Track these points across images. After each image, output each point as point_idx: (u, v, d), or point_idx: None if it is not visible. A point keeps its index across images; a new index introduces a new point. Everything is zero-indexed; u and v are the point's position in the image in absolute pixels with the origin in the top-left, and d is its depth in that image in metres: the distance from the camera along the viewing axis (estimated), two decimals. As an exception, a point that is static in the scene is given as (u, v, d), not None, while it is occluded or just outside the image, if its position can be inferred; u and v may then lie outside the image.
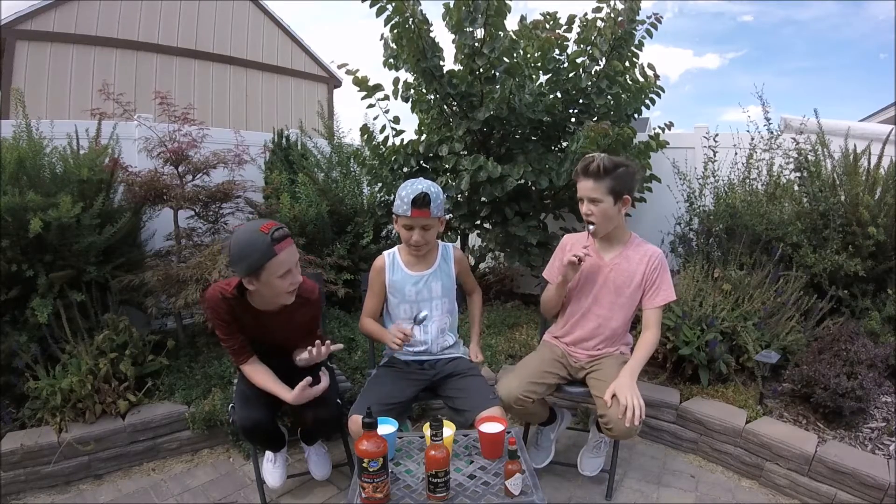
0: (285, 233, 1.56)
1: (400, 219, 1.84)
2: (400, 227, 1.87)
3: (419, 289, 1.93)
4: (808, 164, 2.92)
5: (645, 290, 1.88)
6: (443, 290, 1.96)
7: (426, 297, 1.94)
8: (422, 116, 3.49)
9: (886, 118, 7.14)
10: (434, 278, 1.95)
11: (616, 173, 1.76)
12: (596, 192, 1.78)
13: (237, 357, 1.75)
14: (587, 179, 1.79)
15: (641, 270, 1.86)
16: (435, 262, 1.96)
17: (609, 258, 1.91)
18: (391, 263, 1.96)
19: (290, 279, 1.58)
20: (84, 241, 2.37)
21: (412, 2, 2.85)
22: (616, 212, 1.82)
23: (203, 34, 8.95)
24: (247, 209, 3.09)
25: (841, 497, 1.90)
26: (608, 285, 1.90)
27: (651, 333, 1.87)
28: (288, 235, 1.57)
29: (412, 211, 1.77)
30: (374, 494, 1.25)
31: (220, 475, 2.20)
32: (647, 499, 2.03)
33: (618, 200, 1.80)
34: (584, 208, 1.82)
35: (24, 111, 2.48)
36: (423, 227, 1.82)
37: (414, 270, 1.94)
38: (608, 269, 1.90)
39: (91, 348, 2.30)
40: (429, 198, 1.76)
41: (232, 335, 1.71)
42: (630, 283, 1.88)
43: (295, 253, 1.61)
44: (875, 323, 2.58)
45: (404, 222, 1.83)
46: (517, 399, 1.79)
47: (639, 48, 3.20)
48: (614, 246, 1.92)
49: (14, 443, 2.02)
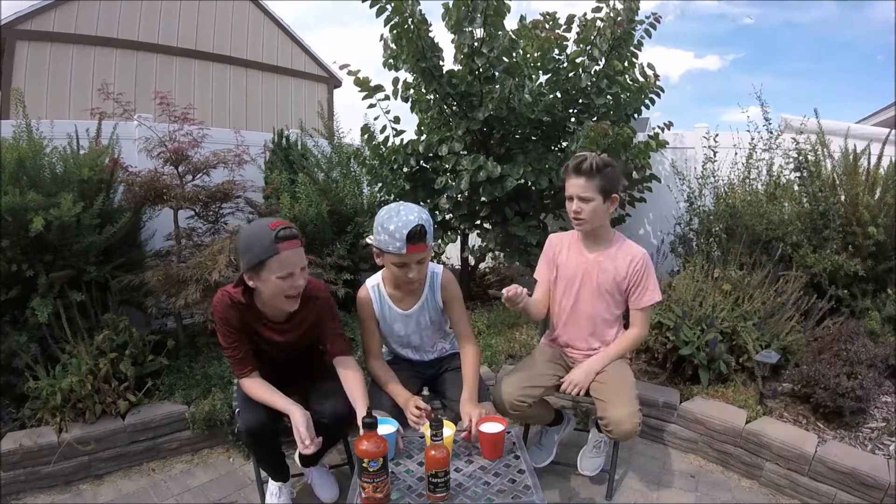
0: (292, 233, 1.51)
1: (388, 256, 1.62)
2: (388, 264, 1.66)
3: (408, 325, 1.86)
4: (807, 164, 2.92)
5: (630, 290, 1.89)
6: (431, 320, 1.86)
7: (415, 330, 1.87)
8: (421, 116, 3.49)
9: (884, 120, 7.14)
10: (422, 313, 1.83)
11: (605, 172, 1.78)
12: (587, 190, 1.79)
13: (239, 368, 1.68)
14: (579, 178, 1.79)
15: (625, 270, 1.87)
16: (422, 295, 1.80)
17: (593, 256, 1.92)
18: (377, 298, 1.82)
19: (290, 282, 1.53)
20: (84, 240, 2.37)
21: (411, 2, 2.85)
22: (605, 210, 1.83)
23: (203, 34, 8.96)
24: (247, 209, 3.09)
25: (841, 497, 1.90)
26: (591, 283, 1.91)
27: (636, 330, 1.92)
28: (296, 237, 1.52)
29: (408, 248, 1.55)
30: (374, 494, 1.25)
31: (220, 475, 2.20)
32: (647, 499, 2.03)
33: (607, 199, 1.81)
34: (574, 206, 1.83)
35: (25, 111, 2.48)
36: (419, 262, 1.64)
37: (401, 307, 1.82)
38: (591, 267, 1.91)
39: (91, 348, 2.30)
40: (425, 229, 1.57)
41: (237, 344, 1.65)
42: (612, 280, 1.88)
43: (301, 256, 1.56)
44: (875, 323, 2.58)
45: (397, 260, 1.61)
46: (512, 404, 1.80)
47: (638, 48, 3.20)
48: (598, 244, 1.92)
49: (14, 443, 2.02)
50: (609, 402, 1.75)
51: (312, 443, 1.51)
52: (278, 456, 1.85)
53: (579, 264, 1.93)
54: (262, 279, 1.53)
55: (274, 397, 1.63)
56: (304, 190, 3.09)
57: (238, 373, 1.70)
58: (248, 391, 1.68)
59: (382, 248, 1.61)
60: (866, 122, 7.51)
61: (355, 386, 1.65)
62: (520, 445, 1.51)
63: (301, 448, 1.52)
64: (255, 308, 1.67)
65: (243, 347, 1.68)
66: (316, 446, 1.52)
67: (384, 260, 1.67)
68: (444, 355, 1.99)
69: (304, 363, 1.86)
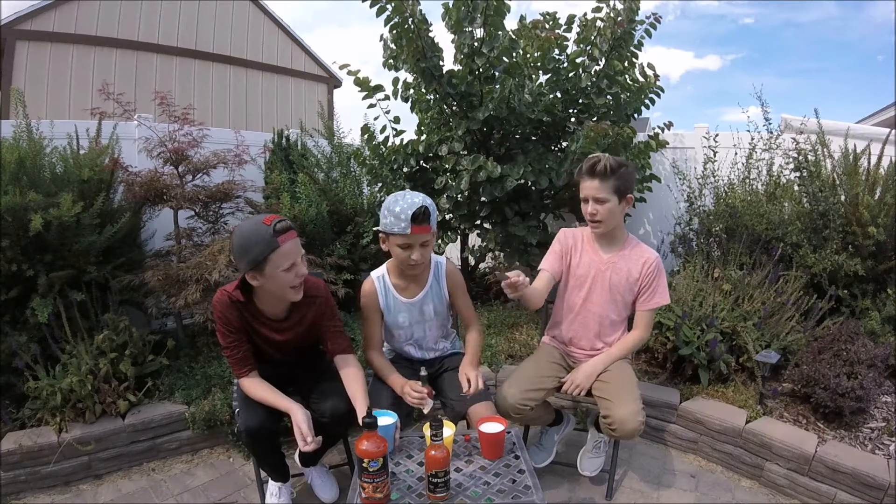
0: (288, 225, 1.52)
1: (394, 238, 1.68)
2: (393, 247, 1.71)
3: (413, 316, 1.87)
4: (807, 163, 2.92)
5: (640, 292, 1.89)
6: (435, 312, 1.89)
7: (419, 320, 1.89)
8: (421, 116, 3.49)
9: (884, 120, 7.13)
10: (426, 301, 1.87)
11: (620, 173, 1.78)
12: (602, 191, 1.79)
13: (238, 368, 1.68)
14: (593, 179, 1.79)
15: (637, 271, 1.88)
16: (427, 284, 1.86)
17: (607, 257, 1.92)
18: (382, 288, 1.85)
19: (294, 272, 1.54)
20: (84, 240, 2.37)
21: (412, 2, 2.85)
22: (620, 210, 1.84)
23: (203, 34, 8.96)
24: (247, 209, 3.09)
25: (841, 497, 1.90)
26: (603, 283, 1.91)
27: (639, 332, 1.93)
28: (291, 228, 1.53)
29: (412, 228, 1.62)
30: (374, 494, 1.25)
31: (220, 475, 2.20)
32: (647, 499, 2.03)
33: (622, 199, 1.82)
34: (590, 208, 1.83)
35: (25, 111, 2.48)
36: (423, 244, 1.69)
37: (406, 296, 1.85)
38: (605, 268, 1.91)
39: (91, 348, 2.30)
40: (429, 211, 1.65)
41: (236, 344, 1.66)
42: (625, 281, 1.89)
43: (299, 246, 1.58)
44: (875, 323, 2.58)
45: (401, 241, 1.67)
46: (514, 408, 1.80)
47: (638, 48, 3.20)
48: (612, 245, 1.93)
49: (14, 443, 2.02)
50: (613, 401, 1.75)
51: (313, 441, 1.51)
52: (278, 456, 1.84)
53: (593, 263, 1.93)
54: (266, 275, 1.52)
55: (274, 396, 1.63)
56: (304, 190, 3.09)
57: (237, 372, 1.70)
58: (248, 391, 1.67)
59: (388, 230, 1.67)
60: (866, 122, 7.51)
61: (356, 385, 1.65)
62: (520, 445, 1.51)
63: (301, 446, 1.52)
64: (254, 306, 1.67)
65: (242, 347, 1.68)
66: (316, 444, 1.53)
67: (389, 244, 1.72)
68: (445, 354, 2.01)
69: (303, 363, 1.85)
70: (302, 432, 1.51)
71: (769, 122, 3.11)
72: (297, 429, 1.53)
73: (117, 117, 2.79)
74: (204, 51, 8.96)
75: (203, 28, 8.96)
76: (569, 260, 1.96)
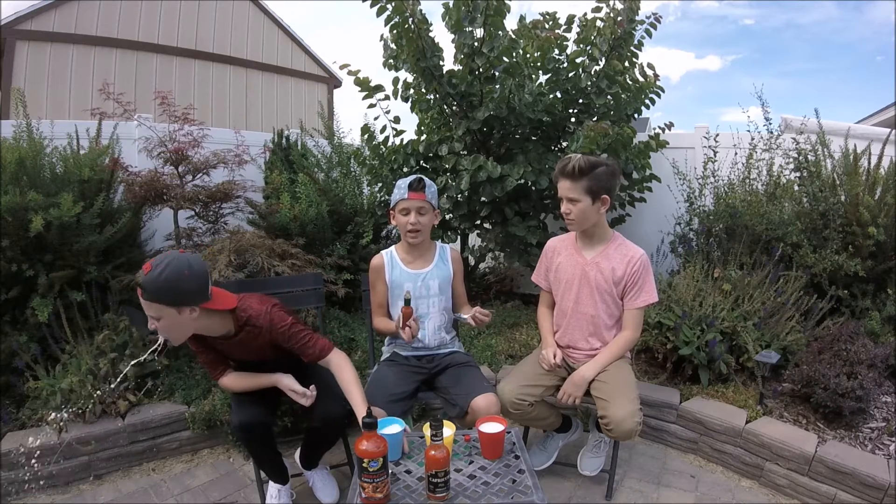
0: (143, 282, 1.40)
1: (398, 205, 1.92)
2: (397, 216, 1.94)
3: (417, 286, 1.97)
4: (808, 164, 2.92)
5: (626, 290, 1.89)
6: (440, 288, 2.00)
7: (423, 295, 1.99)
8: (422, 116, 3.49)
9: (884, 120, 7.13)
10: (431, 276, 2.00)
11: (593, 174, 1.78)
12: (573, 191, 1.80)
13: (213, 370, 1.72)
14: (565, 180, 1.82)
15: (622, 270, 1.87)
16: (433, 261, 2.02)
17: (590, 257, 1.92)
18: (389, 261, 2.01)
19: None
20: (84, 240, 2.37)
21: (412, 2, 2.85)
22: (594, 211, 1.83)
23: (203, 34, 8.96)
24: (247, 209, 3.10)
25: (841, 497, 1.90)
26: (589, 283, 1.91)
27: (628, 332, 1.92)
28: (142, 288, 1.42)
29: (409, 193, 1.88)
30: (374, 494, 1.25)
31: (220, 475, 2.20)
32: (647, 499, 2.03)
33: (596, 200, 1.81)
34: (564, 207, 1.86)
35: (25, 111, 2.48)
36: (419, 211, 1.90)
37: (412, 268, 2.00)
38: (588, 268, 1.91)
39: (91, 348, 2.30)
40: (424, 181, 1.91)
41: (205, 350, 1.69)
42: (609, 280, 1.88)
43: (150, 308, 1.44)
44: (875, 323, 2.58)
45: (402, 206, 1.91)
46: (512, 403, 1.80)
47: (638, 48, 3.20)
48: (595, 244, 1.93)
49: (14, 443, 2.02)
50: (610, 402, 1.75)
51: (311, 394, 1.61)
52: (274, 454, 1.83)
53: (577, 265, 1.94)
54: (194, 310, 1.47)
55: (256, 379, 1.69)
56: (304, 190, 3.09)
57: (213, 375, 1.74)
58: (230, 388, 1.72)
59: (393, 201, 1.94)
60: (866, 122, 7.51)
61: (350, 386, 1.59)
62: (520, 446, 1.50)
63: (304, 402, 1.61)
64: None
65: (211, 353, 1.70)
66: (311, 398, 1.61)
67: (395, 217, 1.95)
68: (445, 350, 2.02)
69: (288, 363, 1.76)
70: (295, 391, 1.58)
71: (769, 122, 3.11)
72: (290, 392, 1.61)
73: (117, 117, 2.79)
74: (204, 51, 8.96)
75: (203, 28, 8.96)
76: (552, 268, 2.01)
